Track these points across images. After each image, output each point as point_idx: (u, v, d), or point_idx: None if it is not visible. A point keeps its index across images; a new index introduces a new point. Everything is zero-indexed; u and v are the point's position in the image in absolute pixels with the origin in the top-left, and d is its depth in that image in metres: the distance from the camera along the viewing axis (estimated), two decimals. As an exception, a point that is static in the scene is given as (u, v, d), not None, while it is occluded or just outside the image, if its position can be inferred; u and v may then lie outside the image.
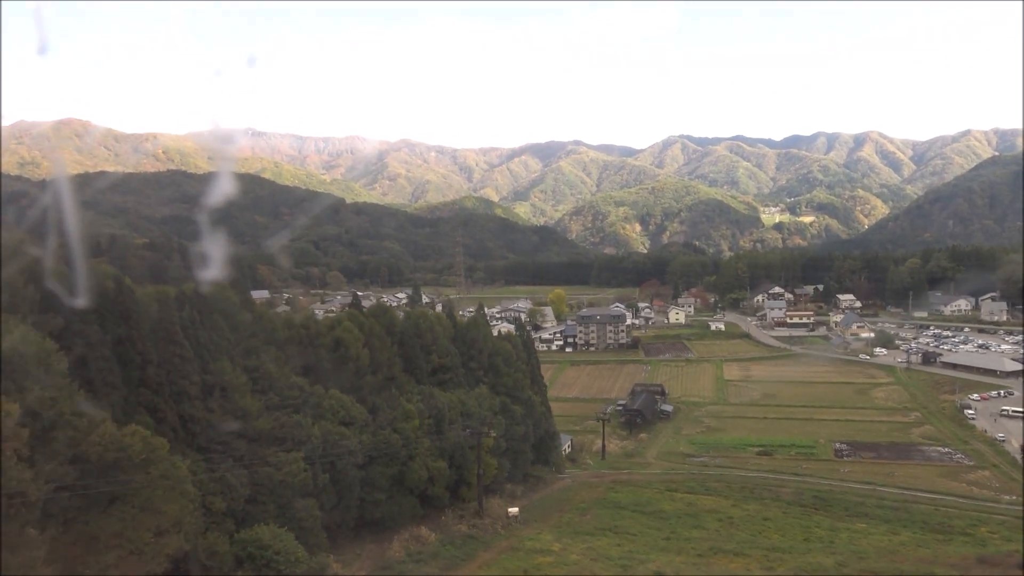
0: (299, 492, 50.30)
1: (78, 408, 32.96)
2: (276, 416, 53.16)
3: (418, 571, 49.31)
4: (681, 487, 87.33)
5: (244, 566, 42.25)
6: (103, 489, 32.50)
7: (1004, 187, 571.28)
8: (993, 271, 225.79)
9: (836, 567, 56.37)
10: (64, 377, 33.08)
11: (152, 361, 45.78)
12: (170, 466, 35.84)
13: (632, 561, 55.42)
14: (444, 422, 67.73)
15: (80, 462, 32.34)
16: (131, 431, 35.07)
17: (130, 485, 33.76)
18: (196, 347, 50.19)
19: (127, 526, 33.95)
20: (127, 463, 34.02)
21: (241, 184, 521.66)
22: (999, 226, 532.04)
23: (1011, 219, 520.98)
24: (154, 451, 35.29)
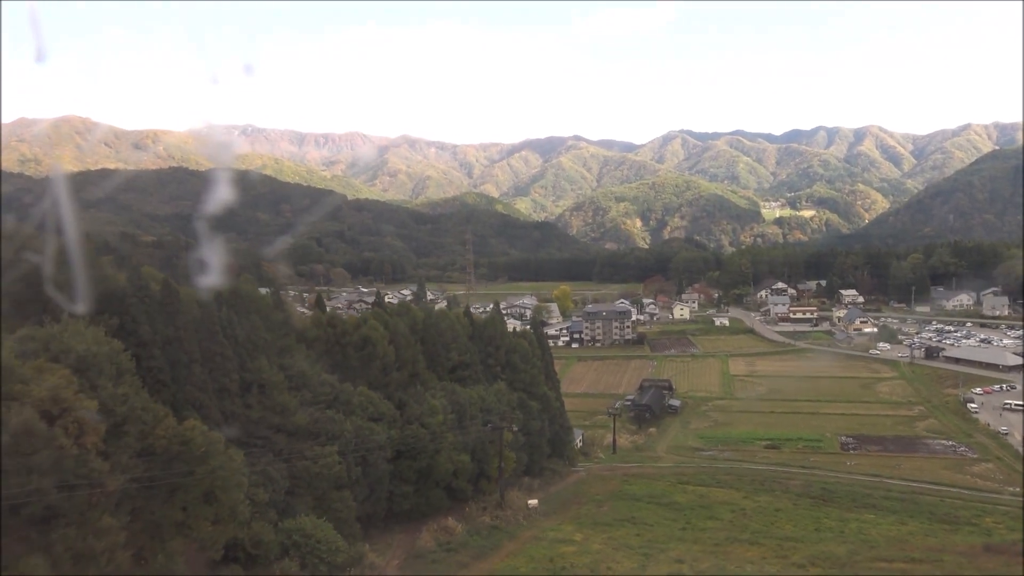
0: (334, 484, 52.52)
1: (145, 404, 35.00)
2: (310, 412, 55.33)
3: (450, 560, 51.43)
4: (693, 480, 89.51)
5: (289, 554, 44.34)
6: (168, 480, 34.54)
7: (1004, 181, 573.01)
8: (995, 266, 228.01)
9: (848, 555, 58.62)
10: (132, 375, 35.17)
11: (197, 359, 47.90)
12: (227, 459, 37.94)
13: (652, 550, 57.67)
14: (466, 417, 69.95)
15: (147, 455, 34.40)
16: (191, 426, 37.18)
17: (191, 476, 35.79)
18: (235, 346, 52.32)
19: (188, 515, 36.10)
20: (188, 456, 36.09)
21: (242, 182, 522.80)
22: (999, 220, 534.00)
23: (1011, 213, 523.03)
24: (212, 444, 37.41)
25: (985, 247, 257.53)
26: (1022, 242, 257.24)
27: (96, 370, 32.52)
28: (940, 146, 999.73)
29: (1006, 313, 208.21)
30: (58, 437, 28.01)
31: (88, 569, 28.98)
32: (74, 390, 30.08)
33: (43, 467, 27.30)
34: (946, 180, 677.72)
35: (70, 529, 28.73)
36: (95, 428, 30.26)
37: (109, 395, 32.28)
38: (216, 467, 37.40)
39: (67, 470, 28.28)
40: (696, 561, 54.64)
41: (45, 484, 27.32)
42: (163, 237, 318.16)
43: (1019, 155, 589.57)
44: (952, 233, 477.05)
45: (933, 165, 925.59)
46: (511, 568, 50.41)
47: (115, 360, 34.19)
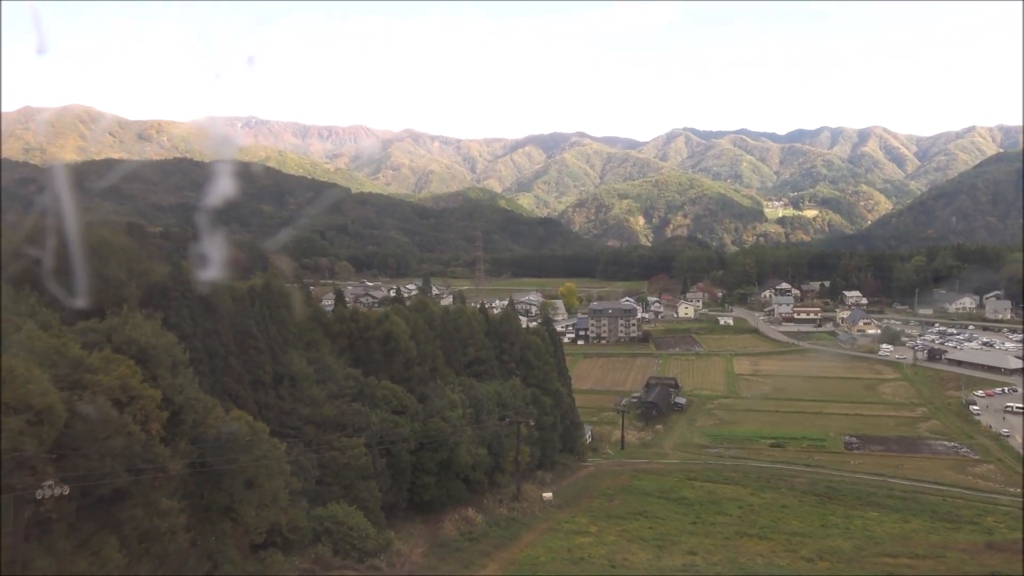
0: (361, 474, 54.40)
1: (197, 395, 36.93)
2: (337, 404, 57.25)
3: (472, 548, 53.38)
4: (700, 476, 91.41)
5: (322, 540, 46.29)
6: (218, 467, 36.44)
7: (1008, 184, 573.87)
8: (997, 270, 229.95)
9: (854, 550, 60.58)
10: (186, 367, 37.08)
11: (233, 352, 49.86)
12: (271, 447, 39.84)
13: (665, 542, 59.67)
14: (483, 412, 71.89)
15: (198, 443, 36.31)
16: (237, 415, 39.12)
17: (238, 463, 37.71)
18: (267, 340, 54.27)
19: (234, 500, 37.97)
20: (235, 444, 37.97)
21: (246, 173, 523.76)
22: (1002, 223, 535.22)
23: (1014, 216, 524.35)
24: (256, 433, 39.31)
25: (988, 250, 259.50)
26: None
27: (156, 361, 34.40)
28: (944, 148, 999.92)
29: (1008, 316, 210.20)
30: (128, 424, 29.90)
31: (153, 547, 30.94)
32: (139, 380, 31.98)
33: (115, 451, 29.18)
34: (949, 182, 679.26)
35: (137, 510, 30.61)
36: (158, 416, 32.17)
37: (168, 385, 34.17)
38: (260, 456, 39.28)
39: (135, 455, 30.15)
40: (708, 554, 56.61)
41: (117, 467, 29.21)
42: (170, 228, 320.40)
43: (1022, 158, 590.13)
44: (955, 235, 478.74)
45: (937, 167, 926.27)
46: (532, 558, 52.33)
47: (171, 352, 36.08)
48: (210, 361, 47.98)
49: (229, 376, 48.90)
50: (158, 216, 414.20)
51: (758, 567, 52.65)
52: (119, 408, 30.13)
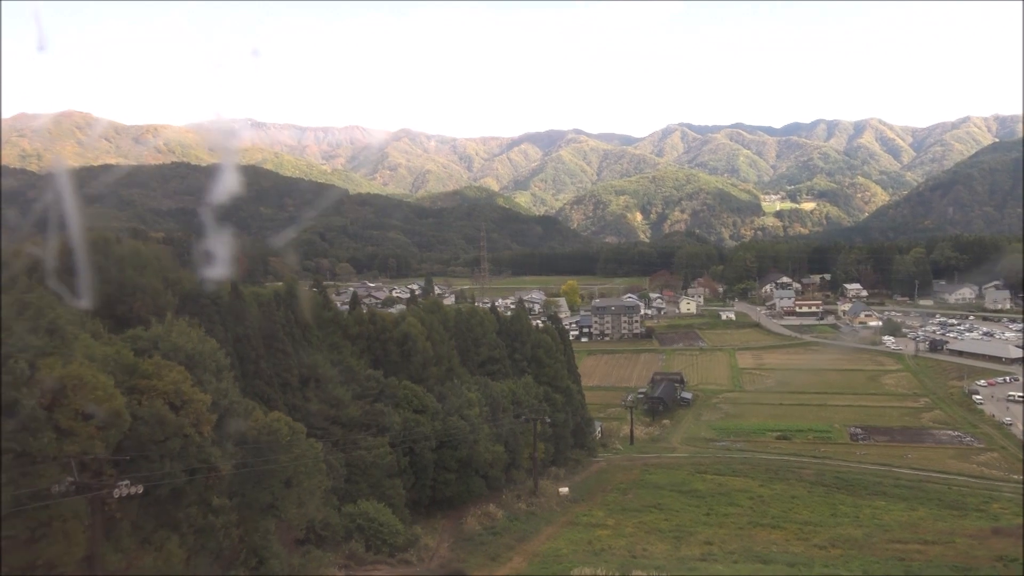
0: (387, 473, 56.07)
1: (238, 398, 38.55)
2: (361, 405, 58.91)
3: (496, 542, 55.03)
4: (710, 469, 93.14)
5: (354, 536, 47.94)
6: (262, 467, 38.06)
7: (1004, 174, 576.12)
8: (996, 260, 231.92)
9: (865, 538, 62.33)
10: (228, 371, 38.66)
11: (262, 356, 51.46)
12: (309, 447, 41.44)
13: (682, 533, 61.38)
14: (499, 410, 73.57)
15: (242, 444, 37.91)
16: (276, 417, 40.68)
17: (280, 462, 39.35)
18: (292, 343, 55.88)
19: (276, 498, 39.58)
20: (275, 444, 39.60)
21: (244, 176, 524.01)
22: (999, 213, 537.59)
23: (1011, 206, 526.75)
24: (295, 433, 40.92)
25: (987, 241, 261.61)
26: (1022, 235, 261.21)
27: (201, 367, 35.94)
28: (940, 138, 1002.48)
29: (1008, 307, 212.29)
30: (184, 426, 31.51)
31: (209, 543, 32.59)
32: (190, 384, 33.57)
33: (173, 452, 30.78)
34: (946, 173, 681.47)
35: (192, 508, 32.25)
36: (208, 419, 33.75)
37: (214, 389, 35.71)
38: (298, 455, 40.91)
39: (191, 456, 31.75)
40: (724, 543, 58.30)
41: (175, 468, 30.82)
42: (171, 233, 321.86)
43: (1019, 147, 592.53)
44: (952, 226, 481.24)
45: (933, 158, 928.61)
46: (554, 550, 53.98)
47: (214, 358, 37.63)
48: (241, 365, 49.51)
49: (260, 379, 50.50)
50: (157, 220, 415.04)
51: (774, 555, 54.33)
52: (174, 412, 31.73)
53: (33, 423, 26.04)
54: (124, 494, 26.19)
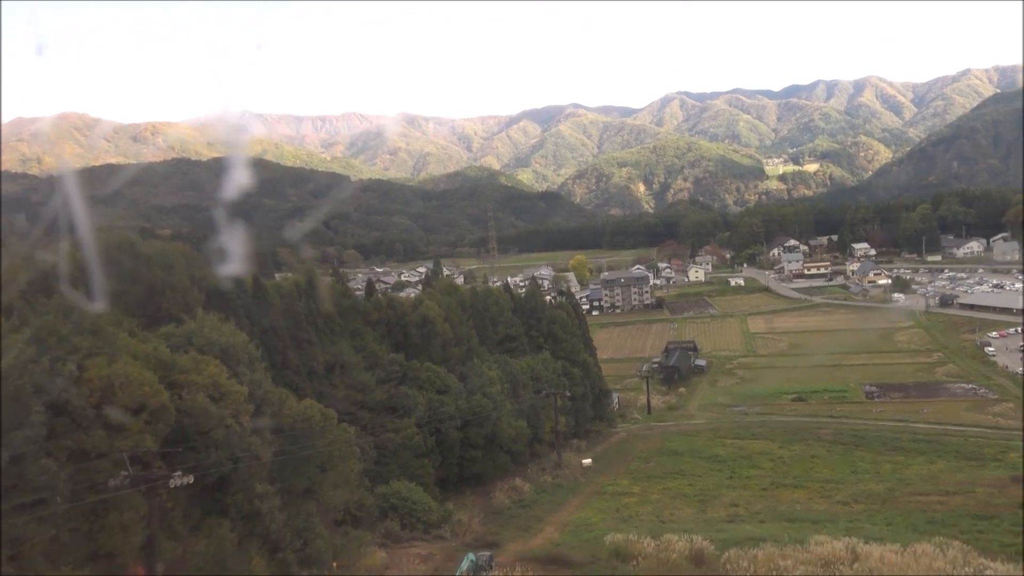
0: (415, 453, 57.32)
1: (271, 388, 39.61)
2: (386, 388, 60.04)
3: (526, 514, 56.32)
4: (729, 434, 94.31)
5: (389, 515, 49.21)
6: (299, 453, 39.20)
7: (1007, 125, 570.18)
8: (1003, 213, 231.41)
9: (887, 492, 63.38)
10: (260, 362, 39.71)
11: (289, 346, 52.53)
12: (341, 432, 42.60)
13: (707, 497, 62.63)
14: (519, 386, 74.72)
15: (278, 432, 39.01)
16: (308, 404, 41.79)
17: (315, 448, 40.49)
18: (316, 332, 56.92)
19: (313, 482, 40.80)
20: (309, 431, 40.74)
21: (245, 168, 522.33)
22: (1004, 165, 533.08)
23: (1016, 157, 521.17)
24: (328, 419, 42.06)
25: (993, 194, 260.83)
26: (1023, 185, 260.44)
27: (235, 359, 36.96)
28: (940, 92, 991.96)
29: (1016, 258, 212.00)
30: (226, 417, 32.57)
31: (256, 528, 33.76)
32: (226, 377, 34.60)
33: (218, 442, 31.87)
34: (948, 127, 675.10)
35: (239, 495, 33.40)
36: (246, 409, 34.82)
37: (248, 380, 36.77)
38: (332, 440, 42.05)
39: (234, 445, 32.83)
40: (749, 504, 59.52)
41: (220, 457, 31.91)
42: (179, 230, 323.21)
43: (1020, 97, 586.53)
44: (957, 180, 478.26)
45: (934, 112, 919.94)
46: (584, 519, 55.23)
47: (247, 350, 38.67)
48: (270, 356, 50.49)
49: (288, 369, 51.57)
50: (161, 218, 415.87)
51: (798, 513, 55.43)
52: (215, 404, 32.78)
53: (85, 421, 27.11)
54: (178, 484, 27.25)
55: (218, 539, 31.38)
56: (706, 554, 38.23)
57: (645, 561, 37.91)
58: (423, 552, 45.01)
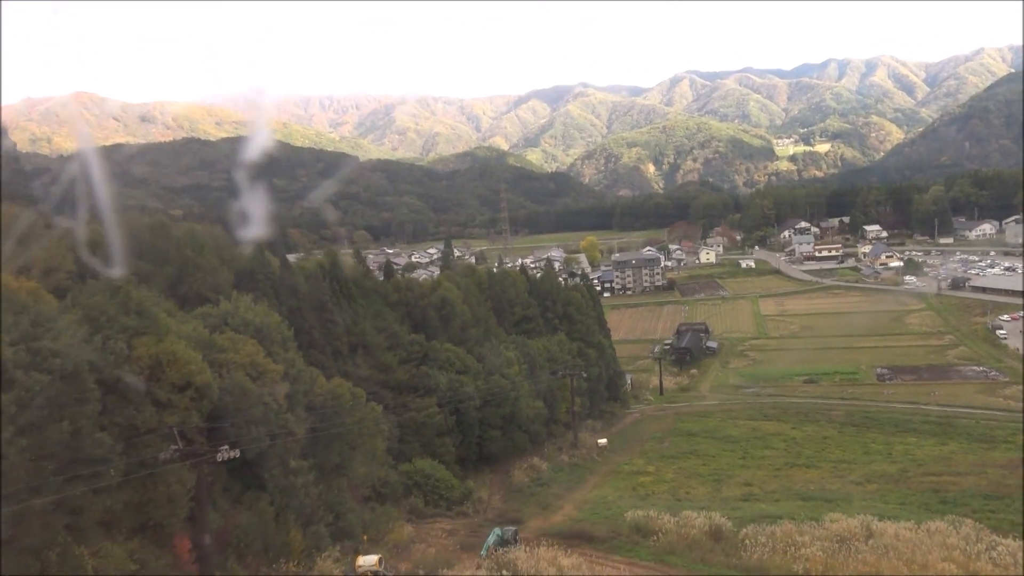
0: (436, 432, 58.56)
1: (303, 367, 40.74)
2: (407, 368, 61.22)
3: (545, 492, 57.56)
4: (741, 415, 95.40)
5: (412, 492, 50.51)
6: (330, 430, 40.39)
7: (1020, 105, 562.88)
8: (1016, 195, 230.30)
9: (899, 472, 64.35)
10: (292, 342, 40.85)
11: (315, 327, 53.62)
12: (370, 410, 43.79)
13: (721, 476, 63.77)
14: (536, 367, 75.83)
15: (309, 409, 40.19)
16: (338, 383, 43.00)
17: (345, 425, 41.69)
18: (340, 313, 57.99)
19: (344, 459, 42.05)
20: (339, 409, 41.93)
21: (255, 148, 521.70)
22: (1016, 145, 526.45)
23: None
24: (356, 398, 43.24)
25: (1006, 175, 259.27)
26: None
27: (270, 339, 38.13)
28: (953, 72, 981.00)
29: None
30: (263, 395, 33.71)
31: (292, 501, 35.02)
32: (262, 356, 35.74)
33: (256, 419, 33.03)
34: (961, 107, 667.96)
35: (275, 470, 34.63)
36: (282, 387, 35.97)
37: (282, 360, 37.93)
38: (360, 418, 43.25)
39: (271, 422, 34.00)
40: (763, 484, 60.64)
41: (259, 433, 33.08)
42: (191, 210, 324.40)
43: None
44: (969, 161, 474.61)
45: (947, 92, 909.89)
46: (601, 497, 56.44)
47: (279, 330, 39.82)
48: (296, 336, 51.61)
49: (314, 348, 52.61)
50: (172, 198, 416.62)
51: (812, 492, 56.47)
52: (253, 382, 33.92)
53: (135, 398, 28.27)
54: (225, 458, 28.43)
55: (258, 512, 32.71)
56: (724, 530, 39.26)
57: (665, 537, 39.01)
58: (447, 527, 46.30)
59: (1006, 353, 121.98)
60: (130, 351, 28.88)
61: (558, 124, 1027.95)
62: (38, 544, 24.48)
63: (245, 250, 50.30)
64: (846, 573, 31.73)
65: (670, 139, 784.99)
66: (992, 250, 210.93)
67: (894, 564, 32.55)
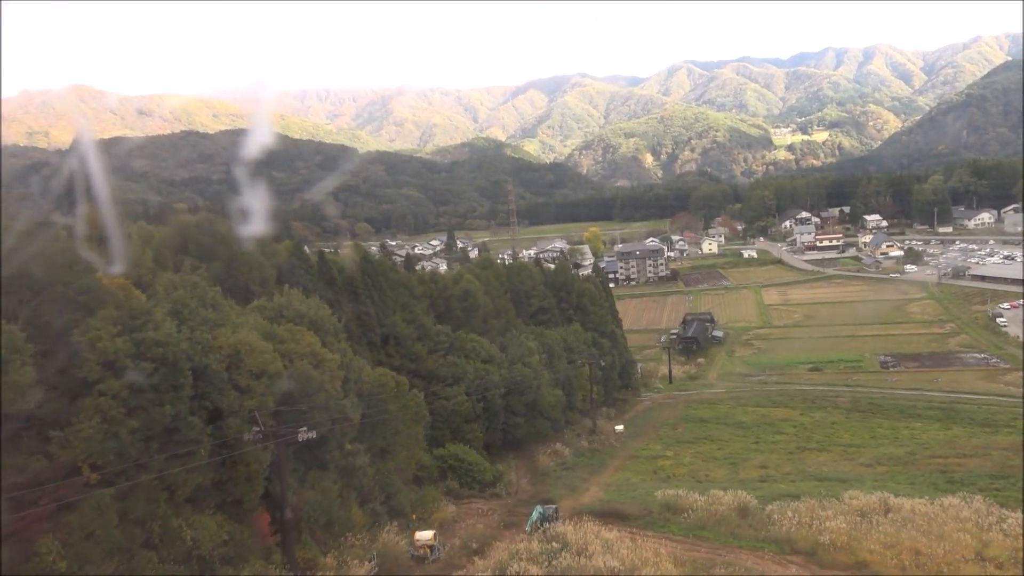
0: (465, 419, 61.00)
1: (352, 357, 43.16)
2: (435, 358, 63.65)
3: (570, 475, 60.09)
4: (750, 402, 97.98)
5: (447, 475, 53.01)
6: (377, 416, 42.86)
7: (1018, 93, 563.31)
8: (1014, 184, 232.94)
9: (907, 455, 66.90)
10: (341, 333, 43.24)
11: (352, 319, 55.98)
12: (412, 397, 46.25)
13: (737, 460, 66.28)
14: (554, 356, 78.32)
15: (359, 396, 42.64)
16: (382, 372, 45.47)
17: (390, 412, 44.16)
18: (372, 305, 60.37)
19: (389, 442, 44.55)
20: (384, 396, 44.39)
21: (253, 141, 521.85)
22: (1014, 133, 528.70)
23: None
24: (399, 386, 45.69)
25: (1004, 165, 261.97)
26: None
27: (323, 331, 40.51)
28: (951, 60, 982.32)
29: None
30: (324, 382, 36.14)
31: (352, 481, 37.53)
32: (319, 346, 38.14)
33: (319, 405, 35.48)
34: (958, 95, 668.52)
35: (335, 452, 37.12)
36: (338, 375, 38.40)
37: (336, 349, 40.34)
38: (403, 404, 45.73)
39: (331, 407, 36.45)
40: (778, 466, 63.17)
41: (321, 417, 35.51)
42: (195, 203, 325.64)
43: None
44: (967, 149, 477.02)
45: (944, 80, 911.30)
46: (625, 480, 58.99)
47: (331, 322, 42.21)
48: (334, 327, 54.09)
49: (351, 340, 54.88)
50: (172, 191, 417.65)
51: (826, 474, 59.06)
52: (315, 370, 36.35)
53: (220, 384, 30.69)
54: (304, 439, 30.88)
55: (323, 489, 35.15)
56: (751, 507, 41.76)
57: (695, 513, 41.50)
58: (484, 508, 48.82)
59: (1006, 340, 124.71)
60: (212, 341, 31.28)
61: (556, 115, 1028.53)
62: (143, 516, 27.00)
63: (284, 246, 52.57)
64: (869, 543, 34.18)
65: (668, 129, 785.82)
66: (991, 239, 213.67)
67: (913, 535, 35.05)
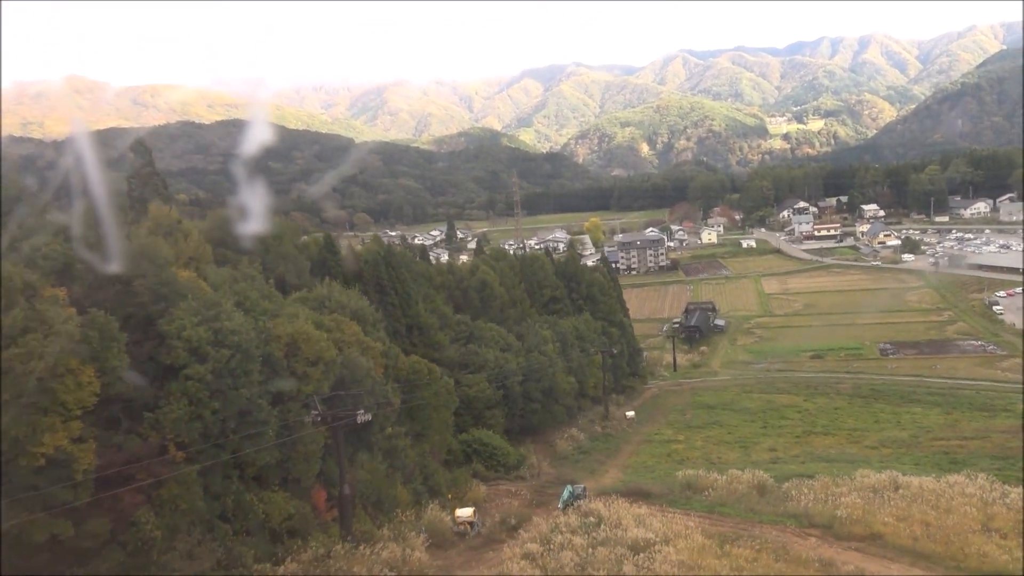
0: (486, 405, 63.28)
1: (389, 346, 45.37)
2: (456, 347, 65.88)
3: (588, 459, 62.51)
4: (754, 389, 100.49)
5: (472, 459, 55.31)
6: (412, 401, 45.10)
7: (1013, 82, 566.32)
8: (1010, 173, 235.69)
9: (910, 438, 69.56)
10: (379, 323, 45.42)
11: (378, 309, 58.11)
12: (444, 384, 48.49)
13: (747, 443, 68.85)
14: (567, 345, 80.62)
15: (395, 382, 44.88)
16: (416, 360, 47.67)
17: (424, 397, 46.40)
18: (395, 296, 62.48)
19: (424, 426, 46.81)
20: (417, 382, 46.63)
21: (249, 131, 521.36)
22: (1009, 122, 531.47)
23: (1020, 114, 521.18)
24: (432, 373, 47.93)
25: (1000, 155, 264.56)
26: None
27: (364, 320, 42.71)
28: (946, 49, 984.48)
29: (1022, 218, 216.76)
30: (370, 369, 38.35)
31: (396, 461, 39.83)
32: (362, 335, 40.34)
33: (367, 389, 37.70)
34: (953, 84, 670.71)
35: (379, 435, 39.38)
36: (381, 363, 40.63)
37: (377, 338, 42.56)
38: (435, 391, 47.97)
39: (377, 392, 38.69)
40: (787, 449, 65.76)
41: (369, 402, 37.73)
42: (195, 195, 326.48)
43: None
44: (962, 138, 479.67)
45: (940, 69, 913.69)
46: (641, 462, 61.45)
47: (371, 312, 44.40)
48: (363, 317, 56.24)
49: (379, 329, 57.25)
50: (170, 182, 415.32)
51: (833, 456, 61.59)
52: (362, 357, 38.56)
53: (281, 370, 32.90)
54: (362, 421, 33.13)
55: (371, 469, 37.44)
56: (768, 485, 44.21)
57: (716, 492, 43.92)
58: (511, 488, 51.16)
59: (1002, 328, 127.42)
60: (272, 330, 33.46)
61: (551, 104, 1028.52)
62: (220, 491, 29.26)
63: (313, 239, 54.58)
64: (883, 516, 36.60)
65: (663, 118, 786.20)
66: (987, 228, 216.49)
67: (923, 508, 37.52)
